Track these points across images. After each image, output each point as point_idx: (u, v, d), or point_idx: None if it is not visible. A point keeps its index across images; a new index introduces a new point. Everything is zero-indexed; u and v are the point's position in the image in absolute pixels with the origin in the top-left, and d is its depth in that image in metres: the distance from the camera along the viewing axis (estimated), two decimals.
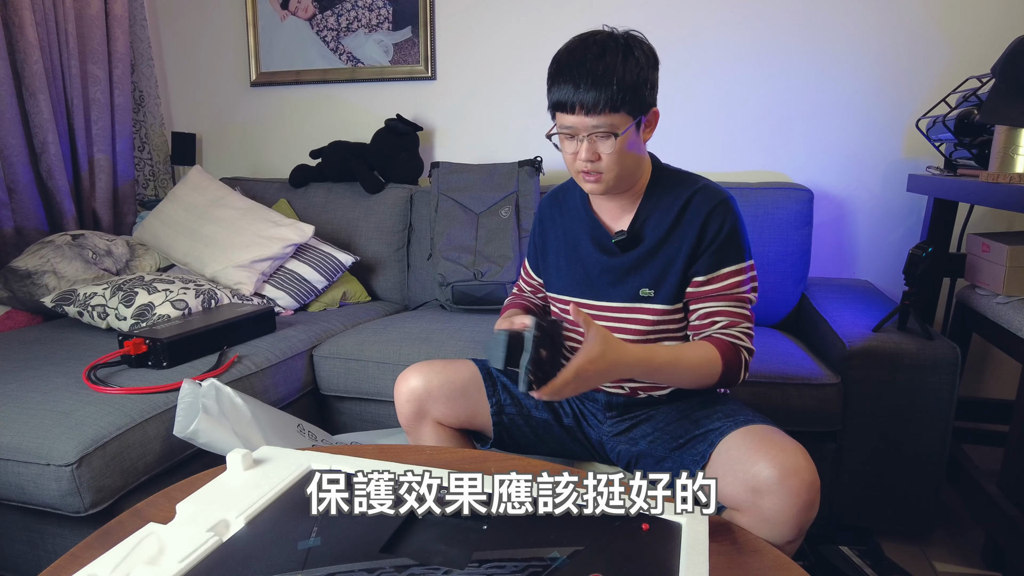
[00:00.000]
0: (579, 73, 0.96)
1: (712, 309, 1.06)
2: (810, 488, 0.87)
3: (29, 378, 1.37)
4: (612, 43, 0.98)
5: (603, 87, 0.95)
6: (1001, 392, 2.01)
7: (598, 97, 0.95)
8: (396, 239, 2.24)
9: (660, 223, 1.08)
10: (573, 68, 0.97)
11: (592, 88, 0.95)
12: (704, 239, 1.06)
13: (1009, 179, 1.30)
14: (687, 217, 1.06)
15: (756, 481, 0.89)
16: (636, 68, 0.97)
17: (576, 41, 1.00)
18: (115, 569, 0.74)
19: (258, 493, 0.90)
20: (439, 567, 0.76)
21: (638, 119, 1.00)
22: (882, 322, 1.51)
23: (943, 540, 1.61)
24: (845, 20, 1.97)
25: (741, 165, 2.13)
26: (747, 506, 0.91)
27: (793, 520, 0.87)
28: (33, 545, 1.29)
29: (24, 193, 2.06)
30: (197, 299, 1.72)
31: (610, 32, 1.01)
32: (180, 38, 2.63)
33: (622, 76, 0.95)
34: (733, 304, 1.06)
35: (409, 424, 1.19)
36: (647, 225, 1.09)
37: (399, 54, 2.37)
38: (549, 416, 1.22)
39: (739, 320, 1.06)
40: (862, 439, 1.48)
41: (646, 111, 1.01)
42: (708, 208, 1.05)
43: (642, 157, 1.07)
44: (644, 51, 0.99)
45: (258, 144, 2.63)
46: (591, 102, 0.96)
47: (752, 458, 0.91)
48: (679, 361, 1.00)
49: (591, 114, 0.97)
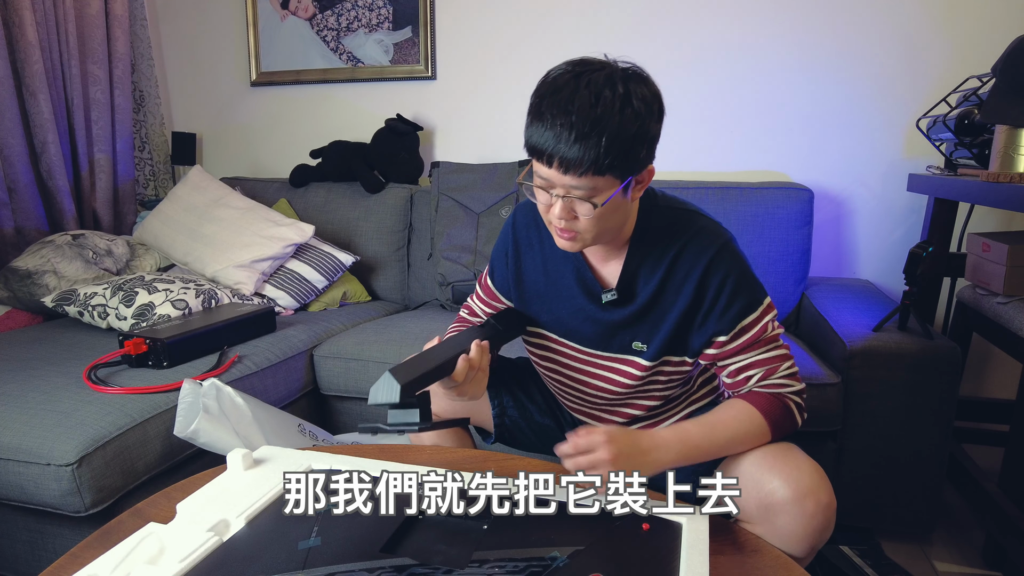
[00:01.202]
0: (563, 122, 0.79)
1: (743, 363, 0.96)
2: (826, 510, 0.85)
3: (29, 378, 1.37)
4: (608, 89, 0.79)
5: (590, 145, 0.78)
6: (1001, 392, 2.01)
7: (582, 156, 0.79)
8: (396, 239, 2.24)
9: (652, 274, 0.96)
10: (556, 113, 0.79)
11: (577, 144, 0.79)
12: (706, 296, 0.94)
13: (1010, 179, 1.30)
14: (680, 269, 0.94)
15: (771, 499, 0.87)
16: (634, 123, 0.80)
17: (567, 76, 0.82)
18: (115, 569, 0.74)
19: (258, 493, 0.90)
20: (439, 567, 0.76)
21: (627, 181, 0.85)
22: (882, 322, 1.51)
23: (943, 540, 1.61)
24: (845, 20, 1.97)
25: (741, 165, 2.12)
26: (759, 520, 0.89)
27: (806, 540, 0.86)
28: (33, 545, 1.29)
29: (24, 193, 2.06)
30: (197, 299, 1.72)
31: (611, 70, 0.82)
32: (180, 38, 2.63)
33: (615, 134, 0.79)
34: (764, 350, 0.95)
35: None
36: (639, 277, 0.97)
37: (399, 54, 2.37)
38: (551, 422, 1.22)
39: (775, 363, 0.95)
40: (862, 439, 1.48)
41: (639, 171, 0.86)
42: (705, 261, 0.93)
43: (627, 216, 0.93)
44: (647, 100, 0.82)
45: (258, 144, 2.63)
46: (573, 160, 0.80)
47: (767, 476, 0.88)
48: (713, 434, 0.91)
49: (570, 173, 0.81)
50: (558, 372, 1.11)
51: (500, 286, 1.13)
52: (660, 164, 2.42)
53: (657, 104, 0.85)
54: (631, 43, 2.13)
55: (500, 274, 1.12)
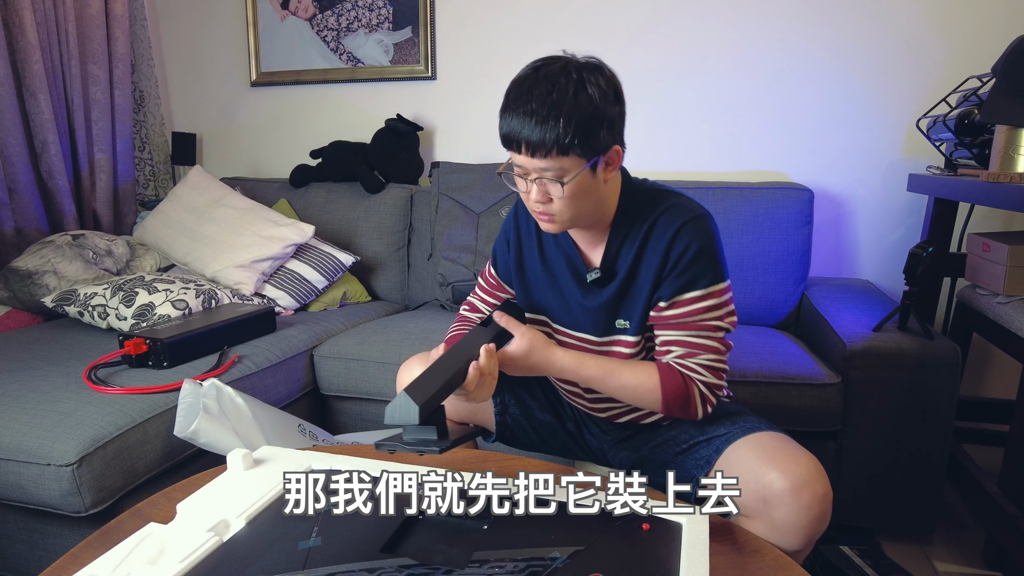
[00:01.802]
0: (525, 110, 0.88)
1: (669, 338, 0.98)
2: (823, 500, 0.87)
3: (29, 378, 1.37)
4: (563, 77, 0.88)
5: (549, 127, 0.87)
6: (1001, 392, 2.01)
7: (543, 137, 0.87)
8: (396, 239, 2.24)
9: (630, 251, 1.00)
10: (520, 103, 0.89)
11: (538, 127, 0.87)
12: (668, 262, 0.97)
13: (1010, 179, 1.30)
14: (652, 240, 0.98)
15: (768, 492, 0.88)
16: (589, 105, 0.87)
17: (528, 70, 0.92)
18: (115, 569, 0.74)
19: (258, 493, 0.90)
20: (439, 567, 0.76)
21: (593, 161, 0.91)
22: (883, 322, 1.51)
23: (944, 540, 1.61)
24: (845, 20, 1.97)
25: (741, 165, 2.12)
26: (757, 514, 0.90)
27: (804, 531, 0.87)
28: (33, 545, 1.29)
29: (24, 193, 2.06)
30: (197, 299, 1.72)
31: (566, 62, 0.91)
32: (180, 38, 2.63)
33: (570, 115, 0.86)
34: (694, 333, 0.97)
35: None
36: (620, 256, 1.01)
37: (399, 54, 2.37)
38: (552, 418, 1.22)
39: (698, 351, 0.97)
40: (862, 439, 1.48)
41: (604, 151, 0.91)
42: (674, 228, 0.96)
43: (603, 198, 0.98)
44: (601, 85, 0.89)
45: (258, 144, 2.63)
46: (536, 142, 0.88)
47: (764, 468, 0.90)
48: (608, 378, 0.99)
49: (537, 156, 0.89)
50: None
51: (503, 274, 1.18)
52: (660, 164, 2.42)
53: (612, 88, 0.91)
54: (631, 44, 2.13)
55: (503, 262, 1.17)
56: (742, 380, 1.49)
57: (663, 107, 2.14)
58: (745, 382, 1.49)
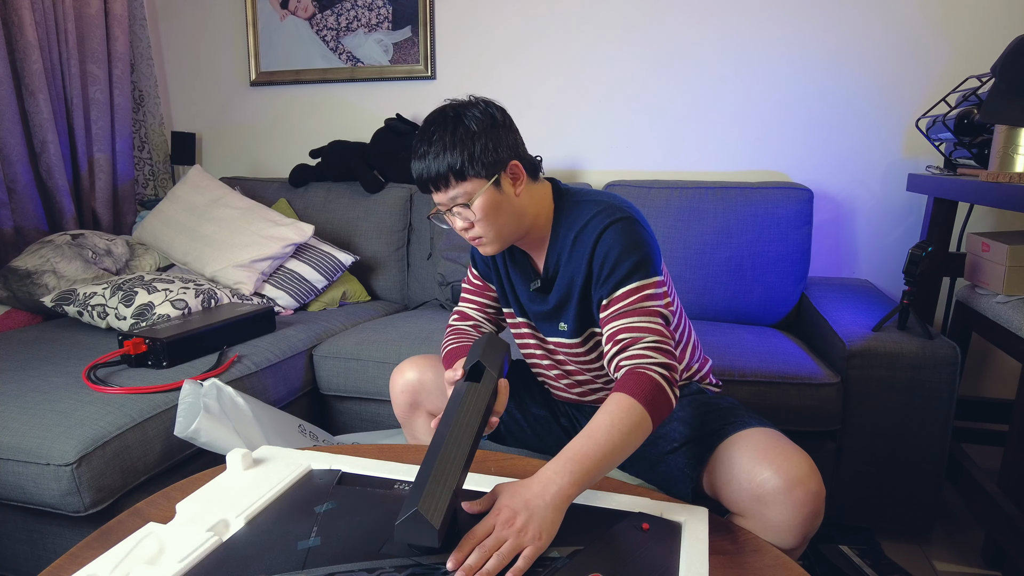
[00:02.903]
0: (419, 154, 0.99)
1: (614, 328, 0.98)
2: (815, 498, 0.87)
3: (29, 378, 1.37)
4: (441, 118, 0.99)
5: (440, 160, 0.97)
6: (1001, 392, 2.01)
7: (438, 169, 0.97)
8: (396, 239, 2.24)
9: (564, 258, 1.06)
10: (416, 151, 1.00)
11: (432, 162, 0.98)
12: (594, 265, 1.02)
13: (1009, 178, 1.30)
14: (579, 244, 1.03)
15: (761, 490, 0.88)
16: (467, 136, 0.97)
17: (421, 126, 1.03)
18: (115, 569, 0.74)
19: (258, 493, 0.91)
20: (439, 566, 0.76)
21: (494, 178, 0.99)
22: (882, 321, 1.51)
23: (943, 539, 1.61)
24: (845, 19, 1.97)
25: (741, 165, 2.13)
26: (751, 513, 0.90)
27: (798, 529, 0.87)
28: (33, 545, 1.29)
29: (24, 193, 2.06)
30: (197, 299, 1.72)
31: (444, 107, 1.02)
32: (180, 37, 2.63)
33: (453, 144, 0.97)
34: (634, 320, 0.97)
35: (403, 415, 1.24)
36: (558, 264, 1.07)
37: (399, 54, 2.37)
38: (546, 412, 1.23)
39: (641, 334, 0.95)
40: (862, 439, 1.48)
41: (501, 167, 0.99)
42: (597, 232, 1.01)
43: (521, 210, 1.03)
44: (476, 115, 0.99)
45: (258, 144, 2.63)
46: (435, 175, 0.98)
47: (757, 467, 0.90)
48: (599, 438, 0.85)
49: (442, 188, 0.99)
50: (533, 358, 1.21)
51: (483, 272, 1.22)
52: (660, 164, 2.41)
53: (488, 117, 0.99)
54: (629, 42, 2.13)
55: (480, 264, 1.22)
56: (742, 380, 1.49)
57: (662, 107, 2.14)
58: (744, 381, 1.49)
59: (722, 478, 0.95)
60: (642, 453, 1.10)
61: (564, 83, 2.22)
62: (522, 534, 0.77)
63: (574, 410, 1.23)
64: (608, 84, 2.17)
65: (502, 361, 0.96)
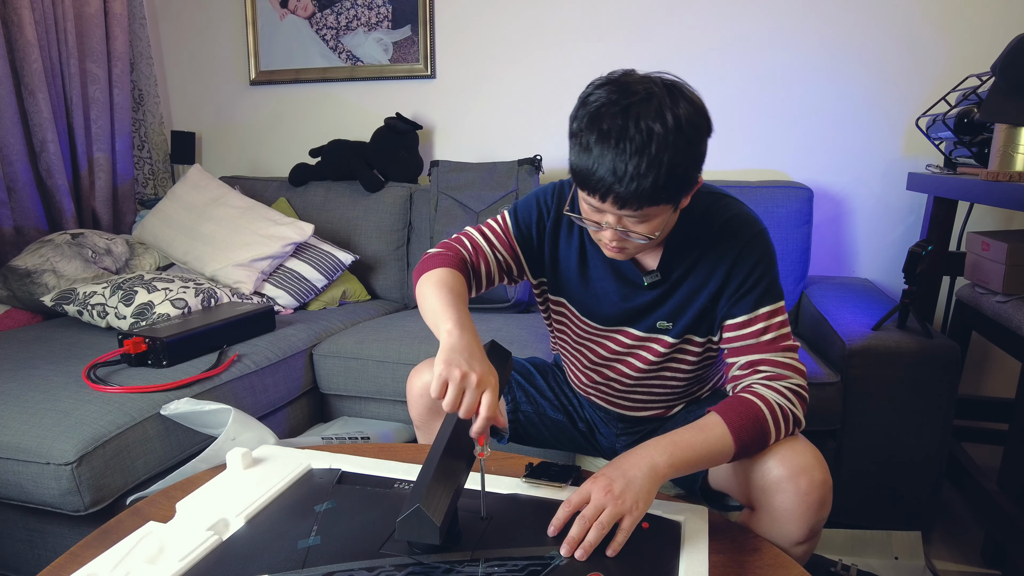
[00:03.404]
0: (619, 162, 0.79)
1: (756, 359, 0.94)
2: (820, 487, 0.86)
3: (29, 377, 1.37)
4: (659, 124, 0.78)
5: (647, 183, 0.79)
6: (1001, 391, 2.01)
7: (639, 193, 0.80)
8: (396, 238, 2.24)
9: (686, 256, 0.98)
10: (609, 151, 0.79)
11: (633, 182, 0.79)
12: (733, 278, 0.95)
13: (1009, 177, 1.29)
14: (715, 251, 0.96)
15: (766, 480, 0.88)
16: (689, 152, 0.81)
17: (612, 108, 0.80)
18: (115, 568, 0.74)
19: (258, 492, 0.91)
20: (439, 565, 0.76)
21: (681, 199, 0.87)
22: (882, 320, 1.51)
23: (943, 538, 1.61)
24: (845, 18, 1.97)
25: (741, 163, 2.12)
26: (758, 504, 0.90)
27: (803, 518, 0.86)
28: (33, 544, 1.29)
29: (23, 192, 2.06)
30: (197, 298, 1.72)
31: (657, 99, 0.80)
32: (179, 37, 2.62)
33: (672, 168, 0.79)
34: (779, 353, 0.93)
35: (421, 418, 1.17)
36: (674, 260, 0.99)
37: (399, 53, 2.37)
38: (564, 418, 1.23)
39: (785, 374, 0.92)
40: (862, 438, 1.48)
41: (689, 188, 0.87)
42: (739, 245, 0.95)
43: (674, 220, 0.94)
44: (695, 123, 0.82)
45: (258, 143, 2.63)
46: (629, 197, 0.80)
47: (762, 458, 0.89)
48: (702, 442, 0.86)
49: (626, 208, 0.82)
50: (579, 351, 1.12)
51: (521, 234, 1.07)
52: None
53: (705, 121, 0.84)
54: (630, 42, 2.13)
55: (524, 224, 1.06)
56: None
57: None
58: None
59: (730, 471, 0.95)
60: None
61: (564, 82, 2.22)
62: (620, 502, 0.78)
63: (593, 413, 1.22)
64: None
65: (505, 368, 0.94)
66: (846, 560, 1.26)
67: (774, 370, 0.92)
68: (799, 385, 0.92)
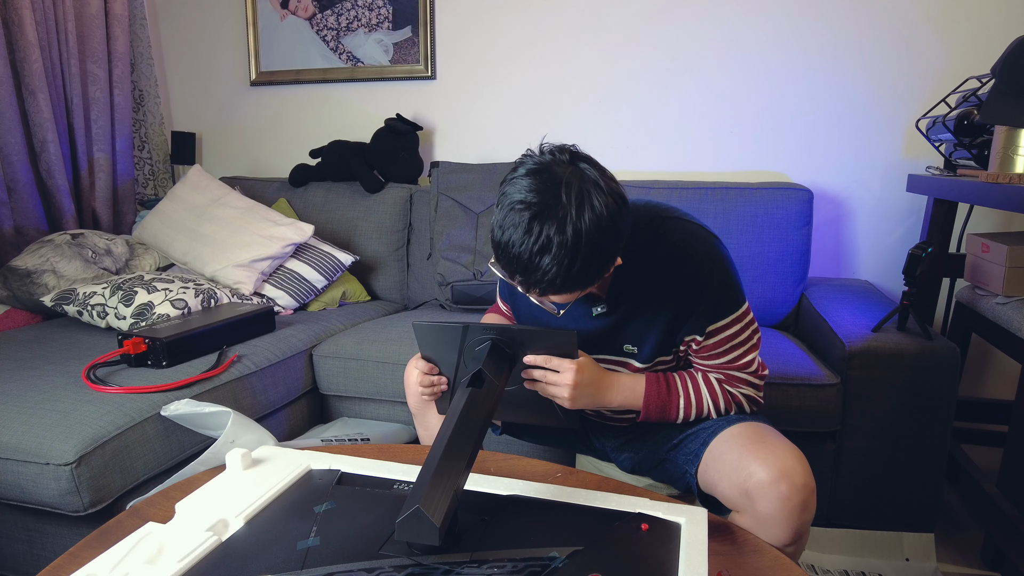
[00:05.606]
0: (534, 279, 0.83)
1: (708, 366, 1.04)
2: (802, 490, 0.87)
3: (28, 377, 1.37)
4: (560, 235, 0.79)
5: (569, 287, 0.85)
6: (1001, 392, 2.01)
7: (542, 287, 0.84)
8: (396, 239, 2.24)
9: (635, 287, 0.99)
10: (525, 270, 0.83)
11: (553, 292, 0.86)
12: (688, 299, 0.97)
13: (1009, 179, 1.30)
14: (666, 275, 0.97)
15: (749, 484, 0.89)
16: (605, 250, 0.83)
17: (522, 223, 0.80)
18: (114, 568, 0.74)
19: (257, 493, 0.90)
20: (438, 566, 0.76)
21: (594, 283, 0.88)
22: (882, 322, 1.51)
23: (942, 540, 1.61)
24: (845, 19, 1.97)
25: (741, 165, 2.12)
26: (743, 508, 0.91)
27: (786, 521, 0.87)
28: (32, 544, 1.28)
29: (23, 192, 2.06)
30: (197, 298, 1.72)
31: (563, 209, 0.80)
32: (180, 37, 2.63)
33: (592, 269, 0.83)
34: (729, 360, 1.02)
35: (417, 406, 1.19)
36: (625, 287, 1.00)
37: (399, 54, 2.37)
38: None
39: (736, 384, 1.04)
40: (862, 439, 1.48)
41: (608, 269, 0.88)
42: (689, 267, 0.96)
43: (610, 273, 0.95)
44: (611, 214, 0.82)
45: (258, 143, 2.63)
46: (552, 293, 0.86)
47: (745, 461, 0.90)
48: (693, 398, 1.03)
49: (531, 293, 0.88)
50: None
51: (502, 294, 1.19)
52: (660, 165, 2.42)
53: (616, 206, 0.84)
54: (630, 44, 2.13)
55: (502, 286, 1.21)
56: None
57: (662, 107, 2.14)
58: None
59: (715, 474, 0.96)
60: (649, 455, 1.11)
61: (564, 83, 2.22)
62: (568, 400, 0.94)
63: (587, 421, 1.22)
64: (608, 84, 2.17)
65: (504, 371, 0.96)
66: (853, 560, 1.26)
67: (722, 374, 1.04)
68: (750, 393, 1.04)
